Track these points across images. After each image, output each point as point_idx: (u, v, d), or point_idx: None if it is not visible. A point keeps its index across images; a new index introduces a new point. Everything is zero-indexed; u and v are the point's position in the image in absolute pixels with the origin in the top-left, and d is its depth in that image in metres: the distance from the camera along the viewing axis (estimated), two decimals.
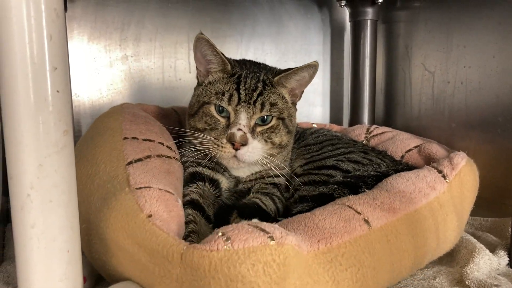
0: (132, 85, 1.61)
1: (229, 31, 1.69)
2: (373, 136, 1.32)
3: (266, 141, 0.98)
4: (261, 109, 0.97)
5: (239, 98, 0.96)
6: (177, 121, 1.28)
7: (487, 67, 1.25)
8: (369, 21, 1.65)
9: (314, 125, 1.46)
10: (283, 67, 1.12)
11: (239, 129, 0.94)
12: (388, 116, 1.72)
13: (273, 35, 1.74)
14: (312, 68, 1.00)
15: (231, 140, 0.93)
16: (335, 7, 1.80)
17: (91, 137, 0.97)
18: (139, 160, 0.85)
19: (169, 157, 0.93)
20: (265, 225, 0.66)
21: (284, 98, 1.03)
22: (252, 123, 0.97)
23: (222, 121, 0.97)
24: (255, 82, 0.99)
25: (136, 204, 0.72)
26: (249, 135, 0.95)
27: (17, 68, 0.52)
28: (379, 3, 1.60)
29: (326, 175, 1.02)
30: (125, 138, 0.91)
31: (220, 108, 0.97)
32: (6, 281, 0.90)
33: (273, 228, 0.65)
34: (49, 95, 0.54)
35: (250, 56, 1.70)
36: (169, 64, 1.63)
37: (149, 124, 1.01)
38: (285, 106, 1.02)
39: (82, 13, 1.53)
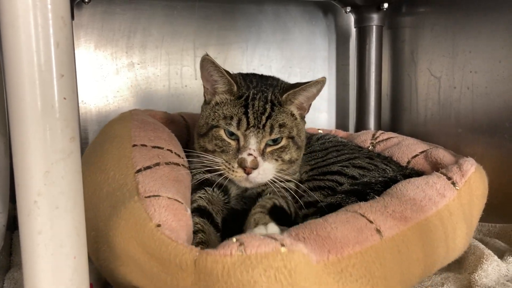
0: (139, 92, 1.62)
1: (235, 38, 1.70)
2: (379, 141, 1.31)
3: (276, 160, 0.99)
4: (271, 132, 0.97)
5: (248, 123, 0.96)
6: (185, 126, 1.28)
7: (493, 72, 1.24)
8: (374, 27, 1.65)
9: (320, 131, 1.46)
10: (288, 73, 1.12)
11: (250, 154, 0.94)
12: (394, 121, 1.71)
13: (278, 41, 1.75)
14: (320, 83, 1.01)
15: (242, 166, 0.94)
16: (340, 13, 1.80)
17: (100, 143, 0.97)
18: (148, 167, 0.85)
19: (177, 164, 0.93)
20: (276, 234, 0.68)
21: (293, 115, 1.03)
22: (262, 146, 0.97)
23: (233, 143, 0.97)
24: (263, 104, 0.98)
25: (145, 213, 0.72)
26: (259, 158, 0.95)
27: (24, 75, 0.52)
28: (385, 9, 1.60)
29: (331, 181, 1.01)
30: (134, 145, 0.91)
31: (230, 131, 0.97)
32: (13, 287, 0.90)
33: (282, 236, 0.67)
34: (56, 102, 0.54)
35: (255, 62, 1.71)
36: (175, 71, 1.64)
37: (158, 131, 1.01)
38: (294, 124, 1.02)
39: (89, 21, 1.55)
